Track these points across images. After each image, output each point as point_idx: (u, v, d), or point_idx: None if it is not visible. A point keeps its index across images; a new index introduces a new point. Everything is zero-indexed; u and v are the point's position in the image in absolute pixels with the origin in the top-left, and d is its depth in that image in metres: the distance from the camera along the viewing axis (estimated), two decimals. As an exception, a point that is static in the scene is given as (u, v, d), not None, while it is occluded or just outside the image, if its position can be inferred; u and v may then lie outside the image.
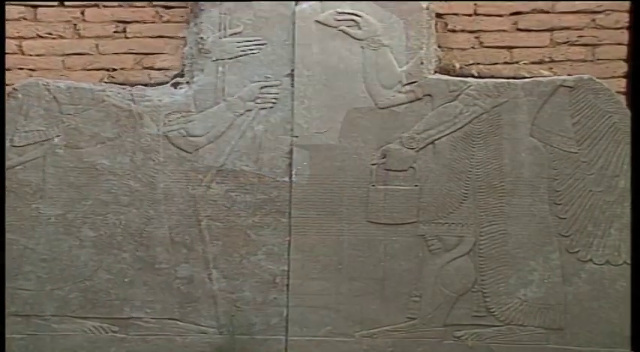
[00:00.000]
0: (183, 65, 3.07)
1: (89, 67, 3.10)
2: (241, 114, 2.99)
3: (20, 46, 3.16)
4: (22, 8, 3.15)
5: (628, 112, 2.89)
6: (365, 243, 2.97)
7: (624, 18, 3.05)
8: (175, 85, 3.04)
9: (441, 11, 3.10)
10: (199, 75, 3.01)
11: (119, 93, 3.01)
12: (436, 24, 3.06)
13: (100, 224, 3.00)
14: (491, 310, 2.95)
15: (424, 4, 3.00)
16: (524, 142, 2.92)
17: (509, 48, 3.11)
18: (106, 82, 3.11)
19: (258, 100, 2.98)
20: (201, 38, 3.00)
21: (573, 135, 2.92)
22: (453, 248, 2.96)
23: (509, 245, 2.94)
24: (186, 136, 2.99)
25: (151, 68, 3.12)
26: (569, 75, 2.99)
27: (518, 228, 2.93)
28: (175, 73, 3.10)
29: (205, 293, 3.00)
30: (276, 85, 2.99)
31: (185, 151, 2.99)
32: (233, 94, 2.99)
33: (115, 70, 3.14)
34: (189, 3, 3.07)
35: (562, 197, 2.93)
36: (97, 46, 3.15)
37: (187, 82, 3.03)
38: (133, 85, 3.06)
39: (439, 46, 3.08)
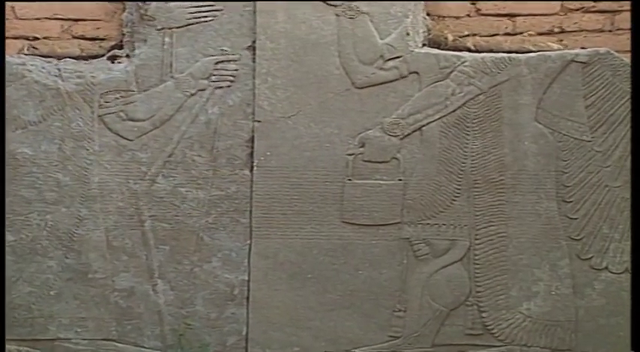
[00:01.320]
0: (122, 34, 2.73)
1: (5, 35, 2.73)
2: (192, 95, 2.66)
3: None
4: None
5: (651, 93, 2.53)
6: (339, 248, 2.66)
7: (648, -20, 2.71)
8: (112, 59, 2.70)
9: (431, -28, 2.78)
10: (141, 47, 2.67)
11: (43, 67, 2.66)
12: (425, -13, 2.75)
13: (20, 225, 2.64)
14: (489, 327, 2.64)
15: (411, -36, 2.67)
16: (529, 129, 2.62)
17: (512, 16, 2.82)
18: (26, 54, 2.75)
19: (213, 78, 2.66)
20: (144, 2, 2.66)
21: (586, 120, 2.61)
22: (444, 253, 2.64)
23: (510, 250, 2.63)
24: (126, 120, 2.66)
25: (83, 38, 2.77)
26: (582, 48, 2.68)
27: (521, 229, 2.63)
28: (112, 43, 2.76)
29: (149, 307, 2.68)
30: (235, 60, 2.66)
31: (125, 138, 2.66)
32: (182, 71, 2.66)
33: (37, 39, 2.78)
34: (130, -42, 2.73)
35: (572, 193, 2.62)
36: (13, 9, 2.77)
37: (127, 56, 2.70)
38: (60, 57, 2.71)
39: (428, 14, 2.76)
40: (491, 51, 2.68)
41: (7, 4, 2.63)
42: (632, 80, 2.34)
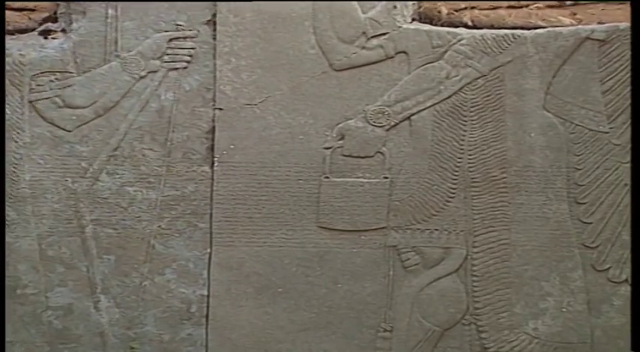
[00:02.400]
0: (57, 5, 2.42)
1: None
2: (142, 78, 2.36)
3: None
4: None
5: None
6: (315, 257, 2.39)
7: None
8: (45, 34, 2.38)
9: None
10: (80, 20, 2.36)
11: (-40, 44, 2.36)
12: (415, -48, 2.51)
13: None
14: (490, 350, 2.39)
15: None
16: (536, 118, 2.37)
17: (516, -14, 2.57)
18: (-62, 28, 2.45)
19: (166, 58, 2.36)
20: (82, -35, 2.38)
21: (603, 108, 2.35)
22: (437, 264, 2.39)
23: (514, 259, 2.39)
24: (63, 107, 2.35)
25: (8, 8, 2.43)
26: (599, 23, 2.41)
27: (526, 236, 2.39)
28: (45, 16, 2.43)
29: (89, 328, 2.39)
30: (192, 37, 2.37)
31: (61, 129, 2.36)
32: (130, 49, 2.36)
33: (-49, 9, 2.47)
34: None
35: (587, 194, 2.38)
36: None
37: (63, 30, 2.38)
38: (-20, 32, 2.40)
39: (419, -16, 2.52)
40: (492, 27, 2.40)
41: None
42: (632, 81, 2.16)
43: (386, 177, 2.35)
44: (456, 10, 2.44)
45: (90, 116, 2.32)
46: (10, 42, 2.29)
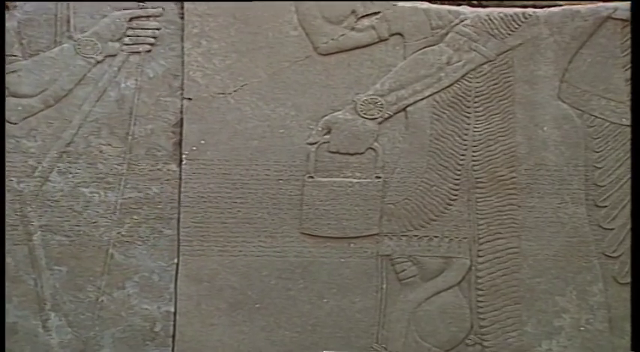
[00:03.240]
0: None
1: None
2: (99, 63, 2.18)
3: None
4: None
5: None
6: (298, 268, 2.19)
7: None
8: None
9: None
10: None
11: None
12: None
13: None
14: None
15: None
16: (549, 109, 2.21)
17: (527, -43, 2.40)
18: None
19: (127, 40, 2.19)
20: None
21: (626, 98, 2.21)
22: (436, 275, 2.20)
23: (525, 271, 2.20)
24: (7, 96, 2.14)
25: None
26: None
27: (539, 244, 2.22)
28: None
29: (37, 350, 2.16)
30: (156, 16, 2.19)
31: (6, 121, 2.15)
32: (85, 29, 2.19)
33: None
34: None
35: (607, 196, 2.23)
36: None
37: (6, 7, 2.18)
38: None
39: (416, -44, 2.35)
40: (499, 5, 2.27)
41: None
42: (632, 81, 2.07)
43: (378, 177, 2.18)
44: (459, -14, 2.30)
45: (38, 106, 2.14)
46: (-57, 20, 2.07)
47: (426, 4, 2.20)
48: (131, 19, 2.13)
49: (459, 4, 2.22)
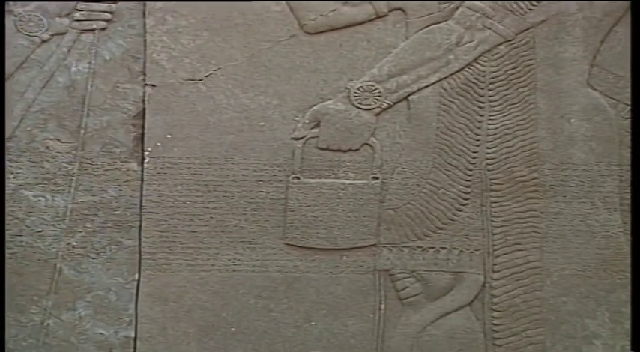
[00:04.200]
0: None
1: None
2: (45, 42, 1.94)
3: None
4: None
5: None
6: (281, 286, 1.96)
7: None
8: None
9: None
10: None
11: None
12: None
13: None
14: None
15: None
16: (577, 98, 1.98)
17: None
18: None
19: (78, 15, 1.96)
20: None
21: None
22: (444, 294, 1.97)
23: (549, 288, 1.97)
24: None
25: None
26: None
27: (565, 256, 1.98)
28: None
29: None
30: None
31: None
32: (27, 3, 1.95)
33: None
34: None
35: None
36: None
37: None
38: None
39: None
40: None
41: None
42: (632, 81, 1.90)
43: (376, 178, 1.97)
44: (471, -48, 2.05)
45: (-28, 94, 1.92)
46: None
47: (432, -26, 1.97)
48: (83, -8, 1.92)
49: (472, -25, 1.97)
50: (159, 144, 1.93)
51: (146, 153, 1.93)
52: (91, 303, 1.92)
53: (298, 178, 1.93)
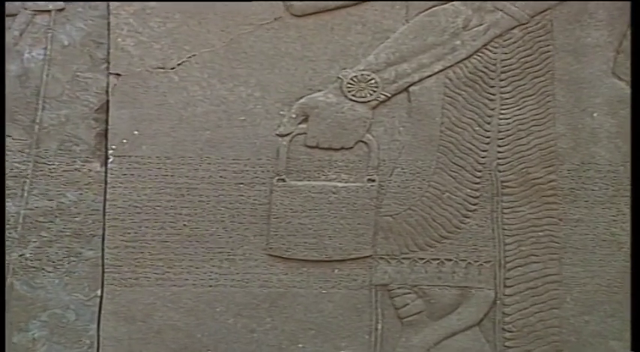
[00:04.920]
0: None
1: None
2: None
3: None
4: None
5: None
6: (264, 303, 1.79)
7: None
8: None
9: None
10: None
11: None
12: None
13: None
14: None
15: None
16: (601, 89, 1.81)
17: None
18: None
19: None
20: None
21: None
22: (449, 312, 1.80)
23: (569, 306, 1.78)
24: None
25: None
26: None
27: (587, 269, 1.80)
28: None
29: None
30: None
31: None
32: None
33: None
34: None
35: None
36: None
37: None
38: None
39: None
40: None
41: None
42: (632, 80, 1.77)
43: (372, 180, 1.80)
44: None
45: None
46: None
47: (436, -53, 1.80)
48: (37, -34, 1.74)
49: (481, -52, 1.79)
50: (125, 141, 1.78)
51: (110, 151, 1.77)
52: (46, 323, 1.79)
53: (283, 180, 1.77)
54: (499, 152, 1.79)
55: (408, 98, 1.79)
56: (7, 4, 1.77)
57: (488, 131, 1.78)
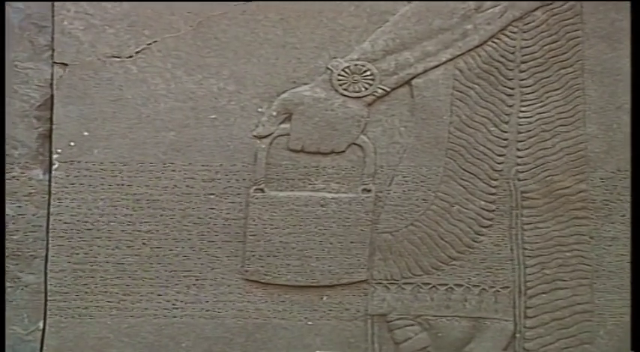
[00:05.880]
0: None
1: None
2: None
3: None
4: None
5: None
6: (239, 336, 1.54)
7: None
8: None
9: None
10: None
11: None
12: None
13: None
14: None
15: None
16: None
17: None
18: None
19: None
20: None
21: None
22: (461, 347, 1.56)
23: (602, 341, 1.54)
24: None
25: None
26: None
27: (624, 297, 1.60)
28: None
29: None
30: None
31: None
32: None
33: None
34: None
35: None
36: None
37: None
38: None
39: None
40: None
41: None
42: (632, 81, 1.62)
43: (367, 190, 1.55)
44: None
45: None
46: None
47: None
48: None
49: None
50: (72, 144, 1.54)
51: (55, 156, 1.55)
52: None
53: (262, 191, 1.54)
54: (519, 157, 1.58)
55: (410, 93, 1.58)
56: None
57: (506, 132, 1.58)
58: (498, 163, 1.58)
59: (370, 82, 1.54)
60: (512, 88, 1.58)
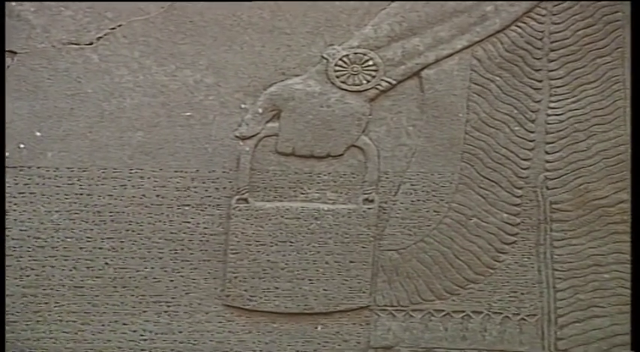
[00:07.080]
0: None
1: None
2: None
3: None
4: None
5: None
6: None
7: None
8: None
9: None
10: None
11: None
12: None
13: None
14: None
15: None
16: None
17: None
18: None
19: None
20: None
21: None
22: None
23: None
24: None
25: None
26: None
27: None
28: None
29: None
30: None
31: None
32: None
33: None
34: None
35: None
36: None
37: None
38: None
39: None
40: None
41: None
42: (632, 81, 1.45)
43: (369, 200, 1.36)
44: None
45: None
46: None
47: None
48: None
49: None
50: (22, 146, 1.36)
51: (6, 159, 1.37)
52: None
53: (246, 201, 1.36)
54: (547, 162, 1.39)
55: (420, 86, 1.39)
56: None
57: (532, 132, 1.38)
58: (523, 169, 1.40)
59: (373, 73, 1.37)
60: (539, 81, 1.39)
